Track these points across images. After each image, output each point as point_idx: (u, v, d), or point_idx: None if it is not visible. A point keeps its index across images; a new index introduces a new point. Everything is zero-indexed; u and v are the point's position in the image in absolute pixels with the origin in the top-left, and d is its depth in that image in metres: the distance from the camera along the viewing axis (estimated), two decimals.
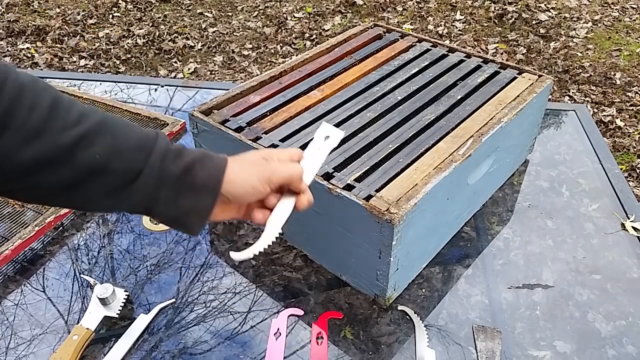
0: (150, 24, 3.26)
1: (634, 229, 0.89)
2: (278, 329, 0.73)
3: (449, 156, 0.76)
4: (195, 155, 0.54)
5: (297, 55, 1.58)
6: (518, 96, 0.89)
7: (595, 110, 2.42)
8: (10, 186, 0.49)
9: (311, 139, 0.63)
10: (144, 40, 3.08)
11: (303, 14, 3.40)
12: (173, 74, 2.81)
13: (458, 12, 3.32)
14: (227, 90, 0.92)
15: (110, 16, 3.37)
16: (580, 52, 2.87)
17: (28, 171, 0.47)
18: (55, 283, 0.82)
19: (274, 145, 0.79)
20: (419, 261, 0.80)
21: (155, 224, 0.92)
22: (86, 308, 0.76)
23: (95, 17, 3.35)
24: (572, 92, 2.56)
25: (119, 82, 1.33)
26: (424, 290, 0.80)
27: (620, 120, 2.36)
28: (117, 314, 0.75)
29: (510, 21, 3.19)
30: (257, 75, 2.07)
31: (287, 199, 0.60)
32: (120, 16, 3.37)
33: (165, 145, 0.53)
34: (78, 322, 0.74)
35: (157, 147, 0.52)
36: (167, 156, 0.52)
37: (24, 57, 2.90)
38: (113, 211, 0.55)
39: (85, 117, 0.49)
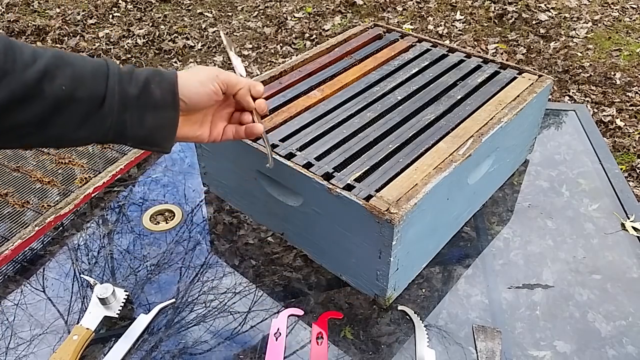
0: (150, 24, 3.26)
1: (634, 229, 0.89)
2: (278, 329, 0.73)
3: (449, 156, 0.76)
4: (148, 74, 0.57)
5: (297, 55, 1.58)
6: (518, 96, 0.89)
7: (595, 110, 2.42)
8: None
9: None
10: (144, 40, 3.08)
11: (303, 14, 3.40)
12: None
13: (458, 12, 3.32)
14: None
15: (110, 16, 3.37)
16: (580, 52, 2.87)
17: (2, 111, 0.50)
18: (55, 283, 0.82)
19: (273, 145, 0.79)
20: (419, 261, 0.80)
21: (156, 223, 0.92)
22: (86, 308, 0.76)
23: (95, 17, 3.35)
24: (572, 92, 2.56)
25: None
26: (424, 290, 0.80)
27: (620, 120, 2.36)
28: (117, 314, 0.75)
29: (510, 21, 3.19)
30: (257, 75, 2.07)
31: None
32: (120, 16, 3.37)
33: (117, 68, 0.56)
34: (78, 322, 0.74)
35: (110, 71, 0.55)
36: (122, 79, 0.56)
37: None
38: (88, 143, 0.59)
39: (39, 54, 0.52)
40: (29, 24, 3.17)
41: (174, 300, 0.78)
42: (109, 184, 1.00)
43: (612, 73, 2.68)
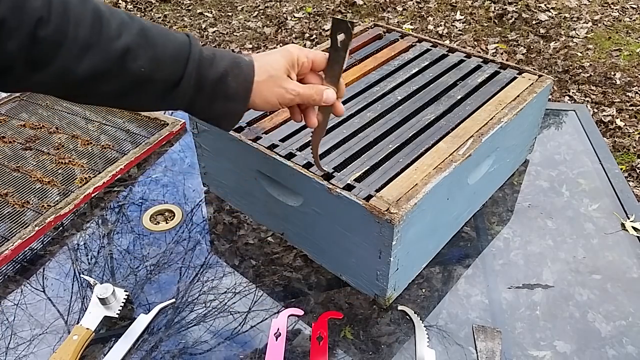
0: None
1: (634, 229, 0.89)
2: (278, 329, 0.73)
3: (449, 156, 0.76)
4: (227, 65, 0.59)
5: None
6: (518, 96, 0.89)
7: (595, 110, 2.43)
8: (69, 95, 0.56)
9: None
10: None
11: (303, 14, 3.40)
12: None
13: (458, 12, 3.32)
14: None
15: None
16: (580, 52, 2.87)
17: (84, 83, 0.53)
18: (55, 283, 0.82)
19: (273, 145, 0.79)
20: (419, 261, 0.80)
21: (156, 223, 0.92)
22: (86, 308, 0.76)
23: None
24: (572, 92, 2.56)
25: None
26: (424, 290, 0.80)
27: (620, 120, 2.36)
28: (117, 314, 0.75)
29: (510, 21, 3.20)
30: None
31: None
32: None
33: (199, 52, 0.58)
34: (78, 322, 0.74)
35: (191, 56, 0.57)
36: (201, 64, 0.58)
37: None
38: (160, 110, 0.66)
39: (125, 27, 0.54)
40: None
41: (174, 300, 0.78)
42: (109, 184, 1.00)
43: (612, 73, 2.68)
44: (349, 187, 0.71)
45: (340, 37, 0.60)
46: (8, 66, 0.49)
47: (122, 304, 0.76)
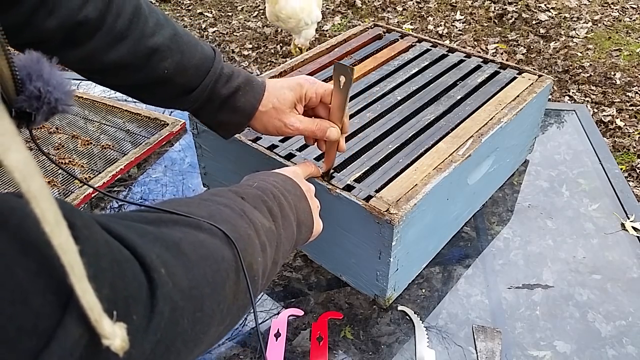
0: None
1: (634, 229, 0.89)
2: (278, 329, 0.73)
3: (449, 156, 0.76)
4: (241, 82, 0.63)
5: (297, 55, 1.58)
6: (518, 96, 0.89)
7: (595, 110, 2.42)
8: (92, 77, 0.60)
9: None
10: None
11: None
12: None
13: (458, 12, 3.32)
14: None
15: None
16: (580, 52, 2.87)
17: (109, 70, 0.56)
18: None
19: (273, 146, 0.79)
20: (419, 261, 0.80)
21: None
22: None
23: None
24: (572, 92, 2.56)
25: None
26: (424, 290, 0.80)
27: (620, 120, 2.36)
28: None
29: (510, 21, 3.19)
30: (257, 75, 2.07)
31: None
32: None
33: (220, 69, 0.62)
34: None
35: (212, 71, 0.61)
36: (219, 79, 0.62)
37: None
38: (168, 107, 0.71)
39: (160, 28, 0.57)
40: None
41: None
42: (109, 184, 1.00)
43: (612, 73, 2.68)
44: (348, 188, 0.71)
45: (342, 79, 0.61)
46: (44, 41, 0.51)
47: None
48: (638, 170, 2.09)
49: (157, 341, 0.31)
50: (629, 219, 0.91)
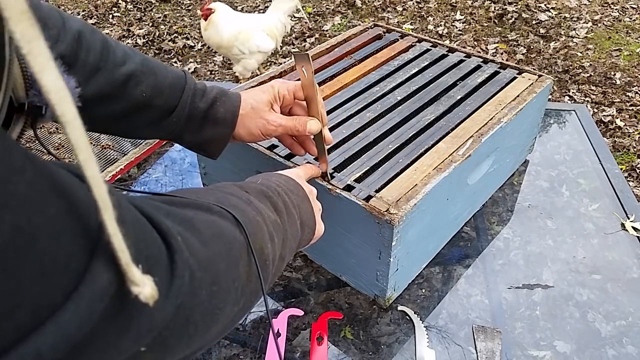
0: (150, 24, 3.26)
1: (634, 229, 0.89)
2: (278, 329, 0.73)
3: (449, 156, 0.76)
4: (217, 93, 0.65)
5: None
6: (518, 96, 0.89)
7: (595, 110, 2.42)
8: None
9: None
10: (144, 40, 3.08)
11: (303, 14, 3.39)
12: None
13: (458, 12, 3.32)
14: None
15: (110, 16, 3.37)
16: (580, 52, 2.87)
17: (88, 104, 0.55)
18: None
19: (273, 146, 0.79)
20: (419, 261, 0.80)
21: None
22: None
23: (95, 17, 3.35)
24: (572, 92, 2.56)
25: None
26: (424, 290, 0.80)
27: (620, 120, 2.36)
28: None
29: (510, 21, 3.19)
30: (258, 75, 2.07)
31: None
32: (120, 16, 3.37)
33: (194, 84, 0.64)
34: None
35: (187, 87, 0.63)
36: (195, 94, 0.63)
37: None
38: (150, 138, 0.69)
39: (129, 57, 0.59)
40: None
41: None
42: (109, 184, 1.00)
43: (612, 73, 2.68)
44: (348, 188, 0.71)
45: (304, 69, 0.62)
46: None
47: None
48: (638, 170, 2.09)
49: (178, 307, 0.31)
50: (629, 219, 0.91)
